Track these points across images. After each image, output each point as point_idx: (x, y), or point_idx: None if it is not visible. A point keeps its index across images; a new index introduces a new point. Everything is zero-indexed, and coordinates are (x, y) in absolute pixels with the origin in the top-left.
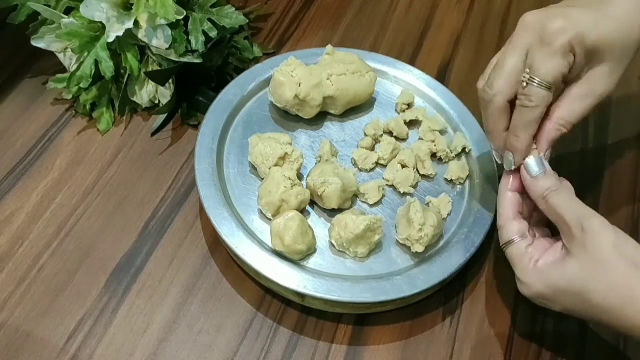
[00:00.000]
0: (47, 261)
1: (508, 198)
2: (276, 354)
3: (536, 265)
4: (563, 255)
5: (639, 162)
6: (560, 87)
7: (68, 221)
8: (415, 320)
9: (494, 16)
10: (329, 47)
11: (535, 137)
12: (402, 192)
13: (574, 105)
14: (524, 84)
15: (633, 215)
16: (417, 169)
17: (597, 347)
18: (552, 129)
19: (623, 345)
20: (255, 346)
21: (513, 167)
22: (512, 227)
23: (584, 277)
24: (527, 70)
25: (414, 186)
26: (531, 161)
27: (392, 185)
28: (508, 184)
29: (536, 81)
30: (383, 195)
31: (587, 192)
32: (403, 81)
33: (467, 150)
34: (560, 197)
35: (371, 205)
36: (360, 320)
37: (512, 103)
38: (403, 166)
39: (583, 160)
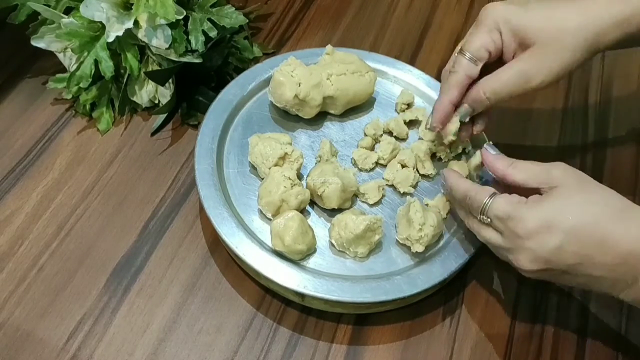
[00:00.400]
0: (47, 261)
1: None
2: (276, 354)
3: (528, 202)
4: (547, 194)
5: (639, 160)
6: (484, 59)
7: (68, 221)
8: (415, 320)
9: None
10: (329, 47)
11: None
12: (402, 192)
13: (500, 74)
14: (455, 55)
15: None
16: (417, 169)
17: (597, 347)
18: (476, 90)
19: (624, 346)
20: (255, 346)
21: (428, 126)
22: (484, 190)
23: (575, 201)
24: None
25: (414, 186)
26: (487, 145)
27: (392, 185)
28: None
29: (464, 53)
30: (383, 195)
31: None
32: (403, 81)
33: (467, 150)
34: (525, 161)
35: (371, 205)
36: (360, 320)
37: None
38: (403, 166)
39: (583, 158)
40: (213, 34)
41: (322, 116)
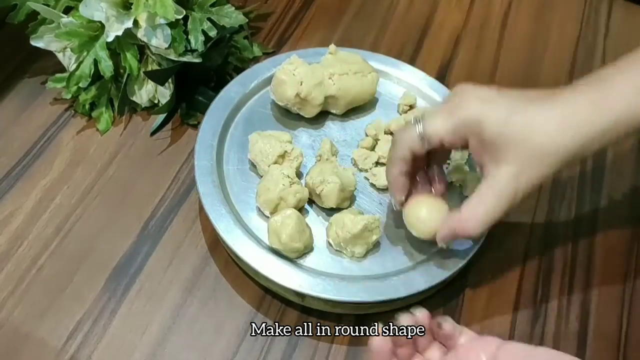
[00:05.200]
0: (46, 261)
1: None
2: (276, 354)
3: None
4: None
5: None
6: (434, 146)
7: (67, 221)
8: None
9: (494, 16)
10: (332, 46)
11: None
12: None
13: (481, 201)
14: (412, 121)
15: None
16: None
17: (597, 348)
18: (458, 222)
19: (624, 346)
20: (255, 346)
21: (397, 208)
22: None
23: None
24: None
25: None
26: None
27: None
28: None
29: (417, 125)
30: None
31: (587, 188)
32: (406, 82)
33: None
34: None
35: (379, 190)
36: (360, 320)
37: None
38: None
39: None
40: (213, 33)
41: (323, 115)
